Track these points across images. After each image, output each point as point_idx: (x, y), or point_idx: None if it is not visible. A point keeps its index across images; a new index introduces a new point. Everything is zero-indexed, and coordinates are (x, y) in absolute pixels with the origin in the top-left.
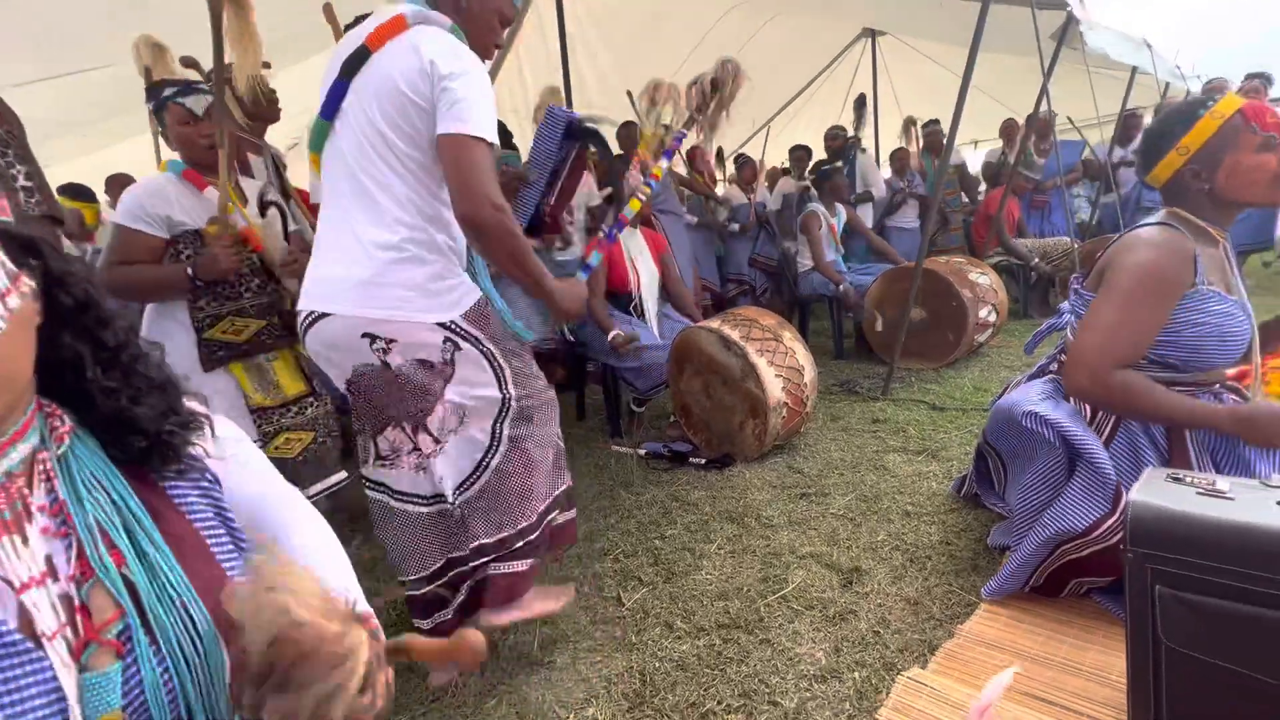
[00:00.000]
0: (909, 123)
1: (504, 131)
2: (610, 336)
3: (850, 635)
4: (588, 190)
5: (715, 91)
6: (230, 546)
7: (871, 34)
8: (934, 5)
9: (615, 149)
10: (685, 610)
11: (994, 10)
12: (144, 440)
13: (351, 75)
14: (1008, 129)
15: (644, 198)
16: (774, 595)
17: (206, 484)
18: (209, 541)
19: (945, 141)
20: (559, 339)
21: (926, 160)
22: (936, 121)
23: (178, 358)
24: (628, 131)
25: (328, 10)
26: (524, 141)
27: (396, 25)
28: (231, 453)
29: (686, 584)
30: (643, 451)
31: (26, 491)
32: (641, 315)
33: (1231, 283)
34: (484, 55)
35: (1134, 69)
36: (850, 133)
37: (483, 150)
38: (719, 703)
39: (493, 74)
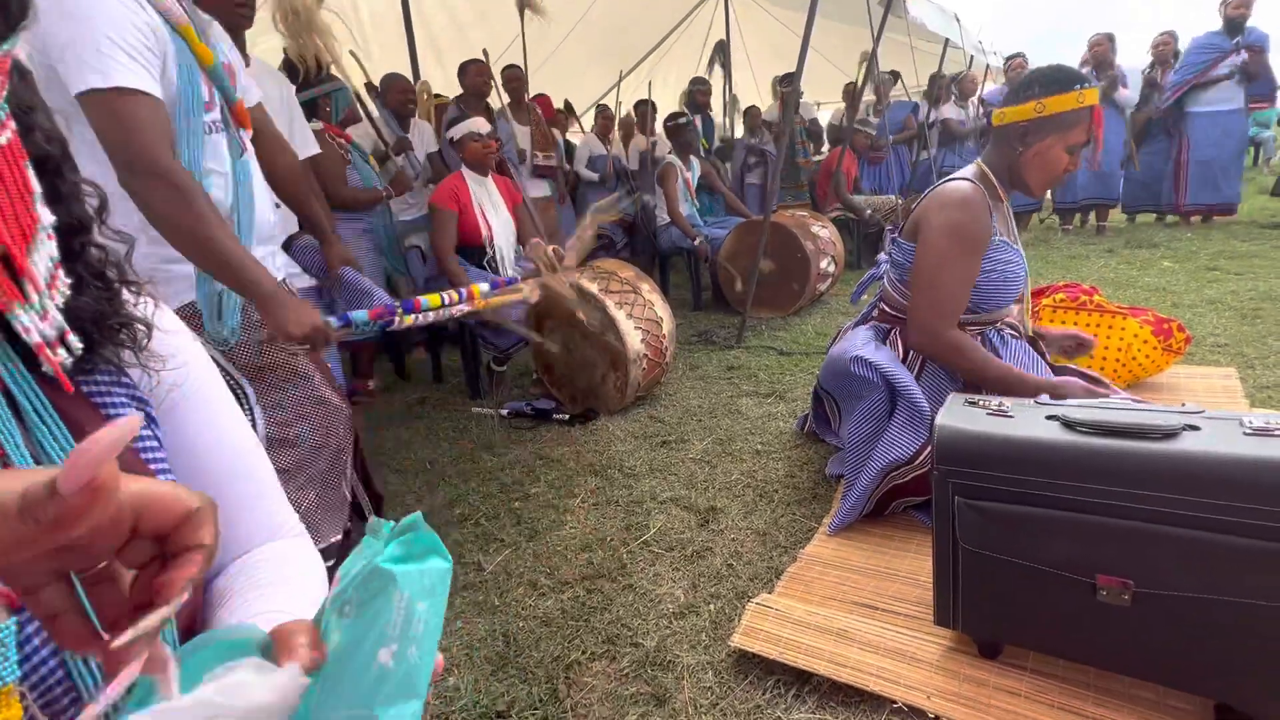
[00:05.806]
0: (776, 83)
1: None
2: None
3: (706, 571)
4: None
5: None
6: (167, 466)
7: None
8: None
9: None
10: (549, 567)
11: None
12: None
13: None
14: (849, 92)
15: (446, 299)
16: (636, 542)
17: (128, 382)
18: (146, 460)
19: (790, 99)
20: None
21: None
22: (790, 76)
23: None
24: (472, 68)
25: None
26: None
27: None
28: (171, 372)
29: (550, 541)
30: (505, 412)
31: None
32: (497, 270)
33: (1014, 232)
34: (224, 12)
35: (946, 40)
36: (706, 83)
37: (121, 104)
38: (583, 652)
39: None
